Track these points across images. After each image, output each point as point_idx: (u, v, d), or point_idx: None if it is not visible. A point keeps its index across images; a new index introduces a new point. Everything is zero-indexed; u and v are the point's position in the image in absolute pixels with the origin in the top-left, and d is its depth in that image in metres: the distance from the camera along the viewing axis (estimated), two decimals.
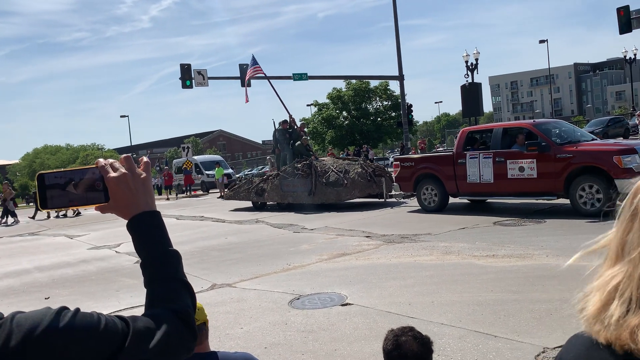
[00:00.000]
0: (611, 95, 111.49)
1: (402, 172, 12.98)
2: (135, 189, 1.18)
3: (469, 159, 11.55)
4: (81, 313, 1.01)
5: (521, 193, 10.93)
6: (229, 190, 17.95)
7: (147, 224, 1.18)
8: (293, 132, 18.23)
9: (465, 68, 30.35)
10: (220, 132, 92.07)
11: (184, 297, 1.16)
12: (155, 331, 1.04)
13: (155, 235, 1.18)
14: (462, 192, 11.85)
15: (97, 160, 1.19)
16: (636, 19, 22.45)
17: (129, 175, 1.17)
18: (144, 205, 1.18)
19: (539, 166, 10.47)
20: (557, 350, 3.95)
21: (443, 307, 5.27)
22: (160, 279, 1.16)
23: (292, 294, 6.32)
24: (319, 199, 14.61)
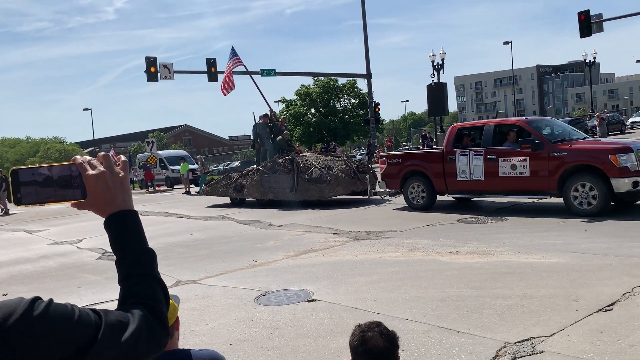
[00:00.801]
0: (571, 97, 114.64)
1: (389, 169, 12.68)
2: (113, 187, 1.18)
3: (458, 156, 11.27)
4: (55, 303, 1.00)
5: (513, 191, 10.69)
6: (206, 186, 17.47)
7: (124, 223, 1.19)
8: (274, 126, 17.78)
9: (432, 68, 30.74)
10: (185, 127, 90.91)
11: (158, 294, 1.17)
12: (127, 325, 1.05)
13: (132, 234, 1.19)
14: (451, 190, 11.62)
15: (74, 157, 1.18)
16: (596, 24, 23.15)
17: (107, 173, 1.18)
18: (121, 203, 1.19)
19: (532, 164, 10.22)
20: (518, 345, 4.07)
21: (408, 303, 5.34)
22: (134, 275, 1.16)
23: (258, 290, 6.30)
24: (301, 196, 14.25)
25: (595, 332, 4.24)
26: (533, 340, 4.17)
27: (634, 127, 37.11)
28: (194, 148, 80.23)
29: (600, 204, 9.39)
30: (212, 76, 25.45)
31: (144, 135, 61.85)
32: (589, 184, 9.55)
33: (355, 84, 46.09)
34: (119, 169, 1.21)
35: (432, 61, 30.90)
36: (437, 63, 30.74)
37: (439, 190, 11.86)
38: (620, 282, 5.46)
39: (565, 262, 6.43)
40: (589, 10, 22.80)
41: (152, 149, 31.30)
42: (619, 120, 37.73)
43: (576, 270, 6.06)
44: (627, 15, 23.88)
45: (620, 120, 38.35)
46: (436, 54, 31.06)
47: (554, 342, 4.11)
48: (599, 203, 9.40)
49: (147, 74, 24.49)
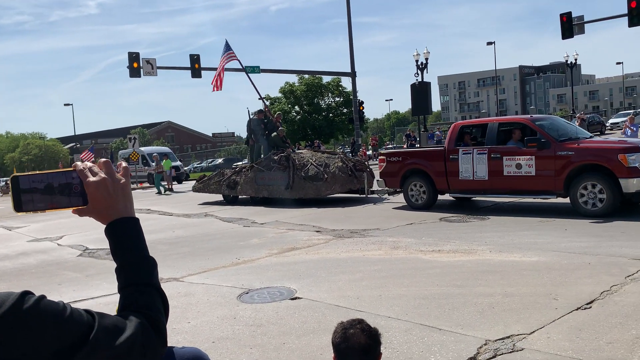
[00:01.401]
0: (553, 98, 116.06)
1: (388, 167, 12.40)
2: (114, 194, 1.18)
3: (461, 154, 11.03)
4: (47, 299, 0.99)
5: (518, 191, 10.48)
6: (198, 182, 17.09)
7: (125, 230, 1.19)
8: (268, 122, 17.41)
9: (416, 67, 30.89)
10: (168, 124, 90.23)
11: (157, 303, 1.16)
12: (123, 331, 1.04)
13: (133, 241, 1.19)
14: (454, 189, 11.38)
15: (75, 163, 1.18)
16: (577, 25, 23.42)
17: (108, 180, 1.17)
18: (122, 210, 1.19)
19: (538, 163, 9.99)
20: (499, 343, 4.11)
21: (390, 301, 5.37)
22: (134, 284, 1.16)
23: (241, 288, 6.29)
24: (297, 194, 13.93)
25: (574, 329, 4.30)
26: (513, 337, 4.22)
27: (614, 128, 37.69)
28: (177, 145, 79.71)
29: (608, 205, 9.22)
30: (196, 72, 25.28)
31: (126, 132, 61.24)
32: (597, 184, 9.35)
33: (340, 82, 46.17)
34: (120, 175, 1.21)
35: (416, 60, 31.04)
36: (421, 62, 30.90)
37: (441, 190, 11.63)
38: (599, 280, 5.55)
39: (546, 261, 6.52)
40: (571, 12, 23.08)
41: (135, 146, 31.01)
42: (599, 121, 38.34)
43: (556, 269, 6.14)
44: (608, 17, 24.22)
45: (600, 121, 38.97)
46: (420, 53, 31.21)
47: (534, 339, 4.16)
48: (607, 203, 9.23)
49: (129, 70, 24.25)
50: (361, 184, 14.21)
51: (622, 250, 6.76)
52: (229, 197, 15.95)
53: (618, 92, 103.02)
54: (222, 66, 19.33)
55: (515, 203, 11.68)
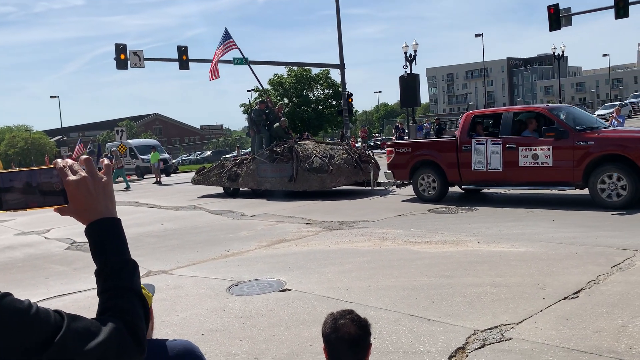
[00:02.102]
0: (540, 90, 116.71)
1: (397, 158, 12.03)
2: (95, 193, 1.14)
3: (474, 145, 10.67)
4: (11, 297, 0.96)
5: (534, 183, 10.15)
6: (197, 174, 16.61)
7: (105, 231, 1.15)
8: (270, 113, 16.92)
9: (404, 59, 30.89)
10: (156, 116, 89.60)
11: (137, 308, 1.12)
12: (96, 335, 1.00)
13: (113, 243, 1.15)
14: (466, 180, 11.03)
15: (55, 161, 1.14)
16: (565, 17, 23.54)
17: (89, 178, 1.13)
18: (104, 210, 1.15)
19: (556, 154, 9.69)
20: (487, 333, 4.14)
21: (379, 292, 5.39)
22: (113, 288, 1.12)
23: (231, 280, 6.28)
24: (301, 186, 13.52)
25: (561, 319, 4.35)
26: (502, 327, 4.25)
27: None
28: (165, 137, 79.23)
29: (630, 196, 8.99)
30: (184, 64, 25.07)
31: (114, 124, 60.74)
32: (618, 174, 9.09)
33: (329, 74, 46.03)
34: (102, 174, 1.17)
35: (404, 52, 31.04)
36: (410, 54, 30.91)
37: (452, 181, 11.30)
38: (586, 270, 5.60)
39: (533, 251, 6.57)
40: (558, 4, 23.17)
41: (122, 138, 30.78)
42: None
43: (543, 259, 6.19)
44: (595, 9, 24.36)
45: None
46: (409, 45, 31.21)
47: (522, 329, 4.20)
48: (629, 195, 8.99)
49: (116, 62, 24.00)
50: (367, 176, 13.85)
51: (609, 240, 6.83)
52: (230, 189, 15.56)
53: (604, 84, 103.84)
54: (220, 55, 18.94)
55: (518, 194, 11.75)
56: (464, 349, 3.91)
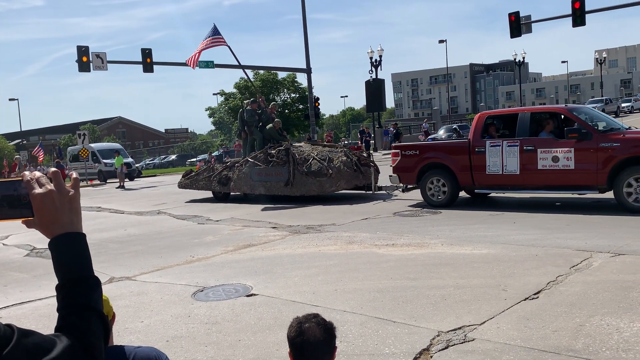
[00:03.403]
0: (502, 95, 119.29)
1: (403, 161, 11.40)
2: (60, 208, 1.12)
3: (489, 147, 10.16)
4: None
5: (553, 186, 9.69)
6: (184, 178, 15.71)
7: (68, 246, 1.13)
8: (263, 113, 15.98)
9: (370, 64, 31.19)
10: (119, 119, 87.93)
11: (94, 327, 1.11)
12: (47, 352, 0.98)
13: (75, 259, 1.14)
14: (479, 184, 10.51)
15: (23, 173, 1.13)
16: (525, 25, 24.16)
17: (55, 192, 1.12)
18: (68, 225, 1.13)
19: (578, 156, 9.22)
20: (451, 334, 4.21)
21: (346, 295, 5.42)
22: (72, 305, 1.11)
23: (196, 286, 6.21)
24: (298, 191, 12.88)
25: (522, 319, 4.46)
26: (465, 328, 4.33)
27: None
28: (129, 141, 77.85)
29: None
30: (148, 67, 24.72)
31: (76, 128, 59.38)
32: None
33: (295, 78, 46.08)
34: (69, 187, 1.15)
35: (370, 58, 31.36)
36: (375, 60, 31.23)
37: (465, 185, 10.79)
38: (546, 271, 5.76)
39: (495, 253, 6.72)
40: (518, 12, 23.76)
41: (84, 142, 30.10)
42: None
43: (505, 260, 6.34)
44: (554, 17, 25.09)
45: None
46: (374, 50, 31.54)
47: (485, 329, 4.29)
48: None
49: (78, 64, 23.48)
50: (367, 180, 13.24)
51: (567, 242, 7.04)
52: (220, 194, 14.83)
53: (563, 89, 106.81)
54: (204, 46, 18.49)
55: (467, 198, 11.94)
56: (428, 350, 3.97)
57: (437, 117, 48.91)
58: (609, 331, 4.07)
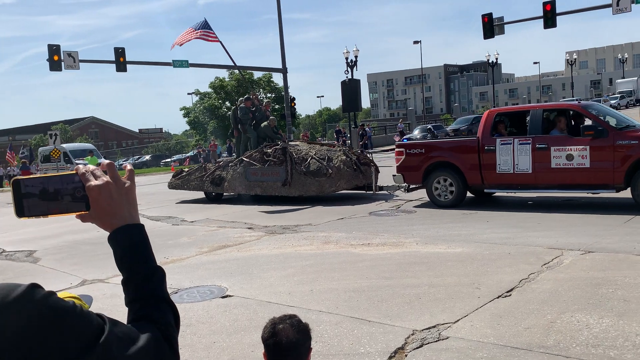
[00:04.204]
0: (476, 96, 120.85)
1: (408, 160, 11.03)
2: (118, 200, 1.11)
3: (499, 145, 9.87)
4: (56, 295, 0.94)
5: (567, 186, 9.42)
6: (175, 178, 15.17)
7: (130, 238, 1.12)
8: (257, 111, 15.36)
9: (346, 64, 31.27)
10: (92, 119, 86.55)
11: (169, 317, 1.10)
12: (136, 341, 0.98)
13: (139, 251, 1.12)
14: (489, 183, 10.19)
15: (77, 166, 1.11)
16: (498, 26, 24.50)
17: (111, 184, 1.10)
18: (127, 217, 1.12)
19: (594, 154, 8.97)
20: (425, 332, 4.25)
21: (322, 295, 5.42)
22: (144, 297, 1.09)
23: (170, 288, 6.14)
24: (296, 191, 12.49)
25: (495, 317, 4.52)
26: (439, 327, 4.37)
27: None
28: (102, 141, 76.70)
29: None
30: (121, 66, 24.37)
31: (47, 128, 58.19)
32: None
33: (271, 78, 45.98)
34: (125, 179, 1.14)
35: (346, 58, 31.43)
36: (351, 60, 31.32)
37: (473, 184, 10.47)
38: (518, 269, 5.85)
39: (469, 252, 6.80)
40: (491, 13, 24.08)
41: (56, 142, 29.53)
42: None
43: (479, 259, 6.42)
44: (526, 19, 25.49)
45: None
46: (350, 51, 31.63)
47: (459, 327, 4.34)
48: None
49: (49, 63, 23.03)
50: (368, 180, 12.84)
51: (539, 240, 7.16)
52: (212, 194, 14.39)
53: (535, 90, 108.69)
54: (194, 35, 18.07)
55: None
56: (403, 349, 4.00)
57: (412, 117, 49.26)
58: (579, 327, 4.15)
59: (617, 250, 6.35)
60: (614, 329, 4.09)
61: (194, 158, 44.08)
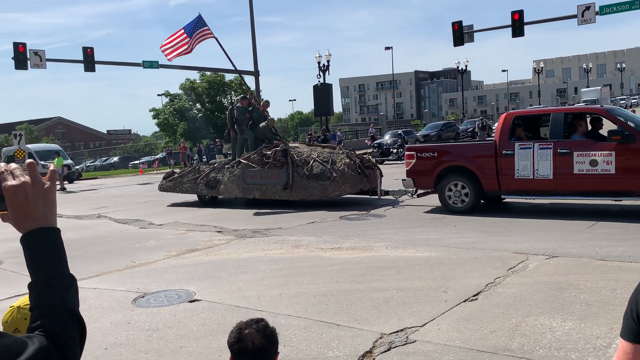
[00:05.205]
0: (445, 102, 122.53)
1: (419, 164, 10.63)
2: (34, 201, 1.07)
3: (518, 150, 9.50)
4: None
5: (590, 192, 9.06)
6: (166, 180, 14.53)
7: (42, 242, 1.08)
8: (254, 111, 14.68)
9: (318, 69, 31.36)
10: (59, 119, 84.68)
11: (68, 328, 1.06)
12: (17, 355, 0.94)
13: (49, 255, 1.08)
14: (506, 189, 9.82)
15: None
16: (468, 34, 24.91)
17: (29, 184, 1.07)
18: (41, 219, 1.08)
19: (619, 160, 8.62)
20: (393, 336, 4.28)
21: (291, 299, 5.41)
22: (45, 305, 1.05)
23: (137, 292, 6.05)
24: (298, 195, 11.97)
25: (462, 320, 4.58)
26: (407, 330, 4.41)
27: None
28: (68, 142, 75.10)
29: None
30: (89, 66, 23.93)
31: (11, 127, 56.67)
32: None
33: (243, 80, 45.77)
34: (45, 179, 1.10)
35: (318, 62, 31.53)
36: (323, 64, 31.43)
37: (490, 190, 10.06)
38: (484, 273, 5.94)
39: (437, 256, 6.88)
40: (461, 21, 24.48)
41: (20, 143, 28.78)
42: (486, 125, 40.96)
43: (446, 263, 6.50)
44: (495, 27, 26.01)
45: (488, 124, 41.67)
46: (322, 55, 31.73)
47: (426, 331, 4.38)
48: None
49: (14, 61, 22.45)
50: (372, 184, 12.41)
51: (505, 245, 7.29)
52: (206, 197, 13.80)
53: (503, 97, 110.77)
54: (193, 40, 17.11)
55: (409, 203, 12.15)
56: (371, 353, 4.02)
57: (384, 122, 49.74)
58: (543, 330, 4.24)
59: (580, 255, 6.51)
60: (576, 332, 4.18)
61: (163, 160, 43.54)
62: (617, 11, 21.11)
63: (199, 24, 17.82)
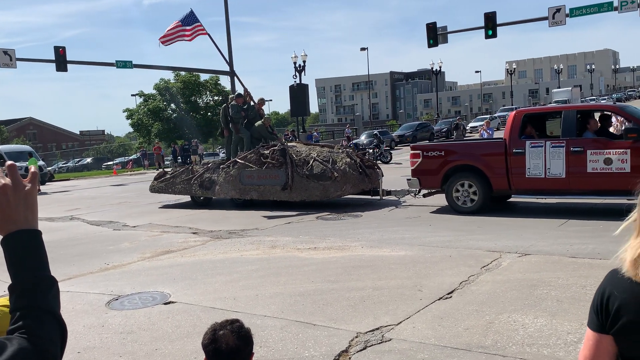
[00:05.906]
0: (420, 103, 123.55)
1: (425, 163, 10.38)
2: (14, 203, 1.06)
3: (529, 148, 9.28)
4: None
5: (604, 192, 8.88)
6: (157, 181, 14.07)
7: (21, 244, 1.07)
8: (249, 109, 14.26)
9: (294, 69, 31.35)
10: (30, 120, 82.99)
11: (50, 331, 1.05)
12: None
13: (29, 258, 1.08)
14: (517, 189, 9.61)
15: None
16: (442, 35, 25.19)
17: (9, 186, 1.06)
18: (22, 222, 1.07)
19: (635, 159, 8.42)
20: (369, 335, 4.30)
21: (267, 300, 5.40)
22: (25, 307, 1.04)
23: (111, 294, 5.97)
24: (298, 196, 11.63)
25: (436, 318, 4.63)
26: (382, 329, 4.44)
27: (473, 131, 41.02)
28: (40, 143, 73.68)
29: None
30: (61, 66, 23.51)
31: None
32: None
33: (218, 80, 45.49)
34: (26, 181, 1.09)
35: (294, 63, 31.52)
36: (299, 65, 31.44)
37: (499, 189, 9.83)
38: (459, 272, 6.01)
39: (412, 255, 6.94)
40: (435, 22, 24.74)
41: None
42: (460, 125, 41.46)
43: (421, 262, 6.56)
44: (468, 29, 26.36)
45: (462, 124, 42.19)
46: (298, 55, 31.74)
47: (401, 329, 4.42)
48: None
49: None
50: (374, 184, 12.13)
51: (479, 243, 7.39)
52: (200, 198, 13.42)
53: (477, 98, 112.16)
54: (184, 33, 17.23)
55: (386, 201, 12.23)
56: (347, 352, 4.04)
57: (360, 122, 49.89)
58: (516, 327, 4.31)
59: (551, 253, 6.64)
60: (547, 328, 4.27)
61: (137, 161, 43.00)
62: (586, 13, 21.58)
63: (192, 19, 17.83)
